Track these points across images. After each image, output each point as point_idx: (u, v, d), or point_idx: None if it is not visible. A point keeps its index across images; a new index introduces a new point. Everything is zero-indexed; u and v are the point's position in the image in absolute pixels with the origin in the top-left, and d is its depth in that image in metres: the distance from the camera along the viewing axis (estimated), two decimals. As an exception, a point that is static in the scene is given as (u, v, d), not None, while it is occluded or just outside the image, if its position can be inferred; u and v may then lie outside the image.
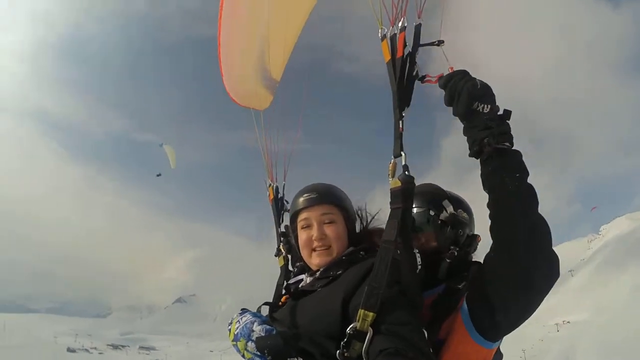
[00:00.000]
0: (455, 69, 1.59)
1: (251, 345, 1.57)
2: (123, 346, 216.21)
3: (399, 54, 1.69)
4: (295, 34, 2.93)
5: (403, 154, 1.62)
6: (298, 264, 2.19)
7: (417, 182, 1.67)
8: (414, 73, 1.66)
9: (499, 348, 1.85)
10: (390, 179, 1.62)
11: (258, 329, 1.60)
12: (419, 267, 1.64)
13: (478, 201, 1.92)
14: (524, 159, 1.53)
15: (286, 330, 1.63)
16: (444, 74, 1.58)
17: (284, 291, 2.03)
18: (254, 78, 3.23)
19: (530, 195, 1.51)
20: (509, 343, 1.95)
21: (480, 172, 1.56)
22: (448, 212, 2.04)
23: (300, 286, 1.89)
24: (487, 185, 1.55)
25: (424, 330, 1.47)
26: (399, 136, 1.64)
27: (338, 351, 1.41)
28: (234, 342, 1.66)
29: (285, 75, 3.14)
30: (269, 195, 2.78)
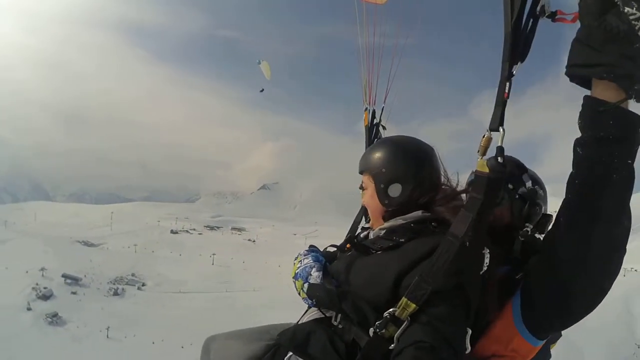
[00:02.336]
0: None
1: (306, 287, 1.65)
2: (218, 227, 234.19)
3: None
4: None
5: (502, 130, 1.25)
6: None
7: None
8: (539, 8, 1.15)
9: (549, 348, 1.79)
10: (480, 158, 1.31)
11: (315, 275, 1.67)
12: (485, 267, 1.46)
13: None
14: None
15: (337, 285, 1.64)
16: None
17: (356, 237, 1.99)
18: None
19: (632, 184, 1.21)
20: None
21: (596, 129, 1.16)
22: (527, 187, 1.92)
23: (363, 238, 1.88)
24: (602, 143, 1.16)
25: (469, 329, 1.38)
26: (501, 103, 1.24)
27: (371, 328, 1.41)
28: (294, 280, 1.73)
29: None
30: (364, 119, 2.57)
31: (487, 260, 1.44)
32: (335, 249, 1.95)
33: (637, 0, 0.97)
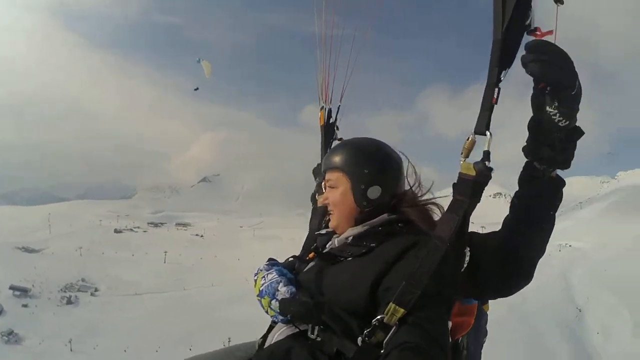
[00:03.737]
0: None
1: (275, 304, 1.57)
2: (162, 223, 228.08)
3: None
4: None
5: (489, 134, 1.26)
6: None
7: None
8: (527, 22, 1.22)
9: (485, 309, 1.89)
10: (463, 160, 1.32)
11: (283, 290, 1.59)
12: (465, 265, 1.49)
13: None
14: None
15: (310, 297, 1.57)
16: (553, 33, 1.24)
17: (315, 244, 1.94)
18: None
19: (552, 225, 1.44)
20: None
21: (521, 174, 1.41)
22: None
23: (329, 247, 1.81)
24: (524, 198, 1.42)
25: (449, 322, 1.43)
26: (489, 107, 1.26)
27: (359, 338, 1.36)
28: (259, 298, 1.65)
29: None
30: (320, 118, 2.42)
31: (467, 259, 1.48)
32: (294, 258, 1.91)
33: (556, 106, 1.20)
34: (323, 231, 1.96)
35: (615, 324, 53.30)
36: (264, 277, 1.69)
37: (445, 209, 1.49)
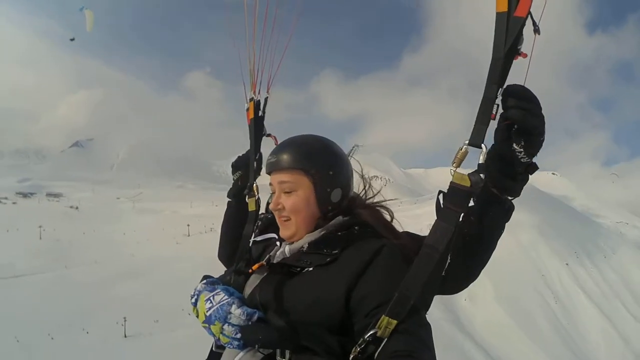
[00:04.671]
0: None
1: (229, 329, 1.36)
2: (32, 194, 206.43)
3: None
4: None
5: (484, 147, 1.26)
6: (269, 215, 1.87)
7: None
8: (519, 47, 1.23)
9: None
10: (454, 169, 1.31)
11: (237, 313, 1.37)
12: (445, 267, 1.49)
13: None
14: None
15: (275, 317, 1.41)
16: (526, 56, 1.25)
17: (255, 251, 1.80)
18: None
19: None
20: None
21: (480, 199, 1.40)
22: None
23: (279, 256, 1.62)
24: (481, 218, 1.41)
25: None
26: (486, 121, 1.25)
27: (351, 355, 1.26)
28: (205, 325, 1.41)
29: None
30: (248, 112, 2.15)
31: (448, 262, 1.48)
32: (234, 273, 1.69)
33: (523, 145, 1.23)
34: (259, 238, 1.82)
35: (480, 293, 59.02)
36: (208, 299, 1.44)
37: (392, 213, 1.61)
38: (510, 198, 1.37)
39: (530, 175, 1.35)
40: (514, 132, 1.26)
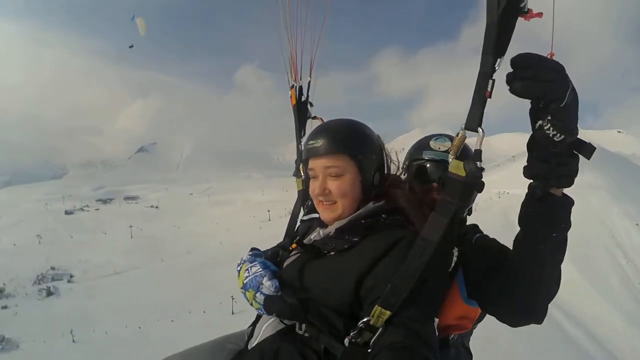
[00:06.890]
0: None
1: (260, 297, 1.50)
2: (110, 199, 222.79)
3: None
4: None
5: (481, 131, 1.12)
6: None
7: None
8: (522, 4, 1.04)
9: None
10: (452, 158, 1.21)
11: (267, 284, 1.50)
12: (453, 264, 1.53)
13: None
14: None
15: (294, 293, 1.49)
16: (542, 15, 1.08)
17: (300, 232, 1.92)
18: None
19: (563, 249, 1.32)
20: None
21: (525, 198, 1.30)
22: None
23: (312, 238, 1.72)
24: (528, 223, 1.32)
25: (436, 318, 1.35)
26: (482, 101, 1.10)
27: (347, 338, 1.33)
28: (242, 290, 1.57)
29: None
30: (291, 98, 2.23)
31: (454, 259, 1.47)
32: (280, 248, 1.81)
33: (549, 119, 1.07)
34: (305, 217, 1.94)
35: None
36: (247, 269, 1.59)
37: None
38: (556, 195, 1.21)
39: (577, 157, 1.14)
40: (539, 108, 1.09)
